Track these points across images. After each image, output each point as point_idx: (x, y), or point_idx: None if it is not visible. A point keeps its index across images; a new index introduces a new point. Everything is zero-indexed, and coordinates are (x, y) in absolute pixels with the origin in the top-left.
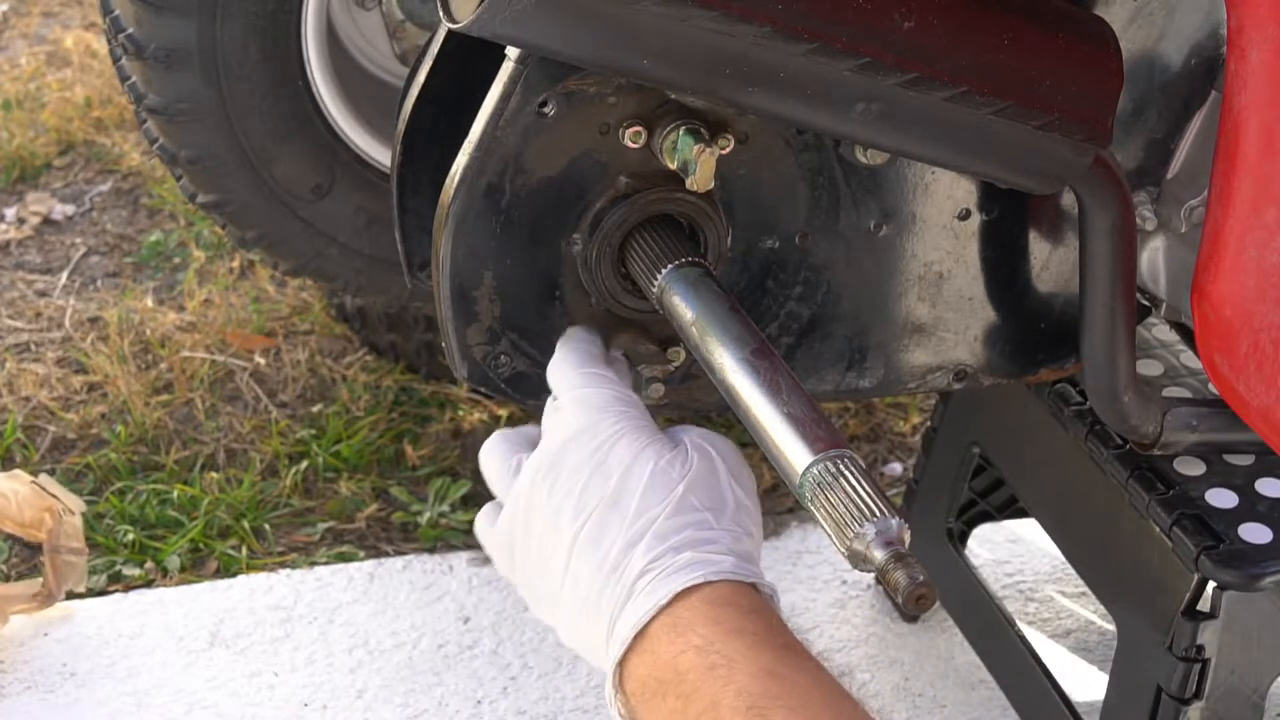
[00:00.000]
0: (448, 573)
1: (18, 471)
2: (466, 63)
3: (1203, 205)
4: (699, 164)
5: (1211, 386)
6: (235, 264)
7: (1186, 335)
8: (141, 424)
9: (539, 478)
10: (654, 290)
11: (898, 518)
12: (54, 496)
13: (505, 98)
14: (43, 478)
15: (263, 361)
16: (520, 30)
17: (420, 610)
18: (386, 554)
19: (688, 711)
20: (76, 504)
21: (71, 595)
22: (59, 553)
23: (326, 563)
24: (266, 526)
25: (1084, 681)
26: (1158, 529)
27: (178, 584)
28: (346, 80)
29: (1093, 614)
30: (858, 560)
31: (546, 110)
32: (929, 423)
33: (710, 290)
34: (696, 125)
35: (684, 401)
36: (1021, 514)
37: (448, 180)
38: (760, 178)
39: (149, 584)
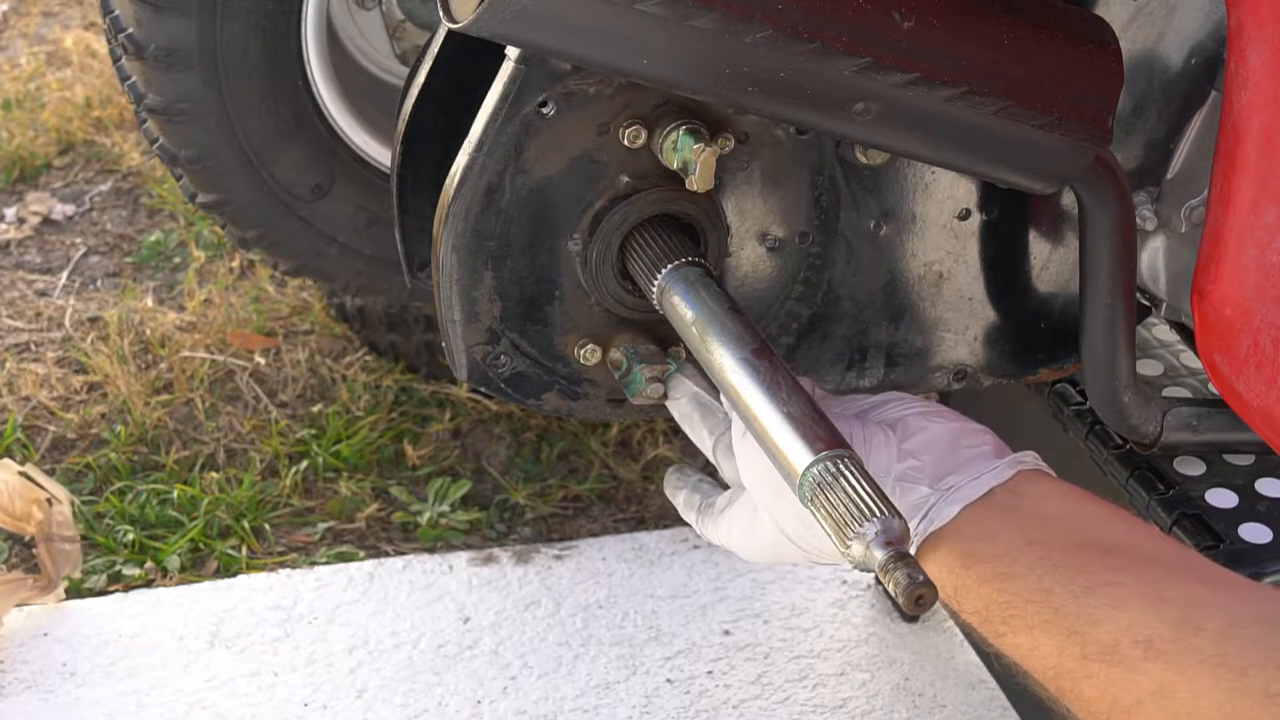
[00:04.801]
0: (448, 573)
1: (6, 461)
2: (466, 63)
3: (1203, 205)
4: (699, 164)
5: (1211, 386)
6: (235, 264)
7: (1186, 335)
8: (141, 424)
9: None
10: (654, 290)
11: (898, 518)
12: (40, 486)
13: (505, 98)
14: (28, 467)
15: (263, 361)
16: (520, 30)
17: (420, 610)
18: (386, 554)
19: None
20: (63, 494)
21: (71, 594)
22: (53, 541)
23: (326, 563)
24: (266, 526)
25: None
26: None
27: (178, 584)
28: (346, 80)
29: None
30: (858, 560)
31: (546, 110)
32: None
33: (710, 290)
34: (696, 125)
35: None
36: None
37: (448, 180)
38: (760, 177)
39: (149, 584)
